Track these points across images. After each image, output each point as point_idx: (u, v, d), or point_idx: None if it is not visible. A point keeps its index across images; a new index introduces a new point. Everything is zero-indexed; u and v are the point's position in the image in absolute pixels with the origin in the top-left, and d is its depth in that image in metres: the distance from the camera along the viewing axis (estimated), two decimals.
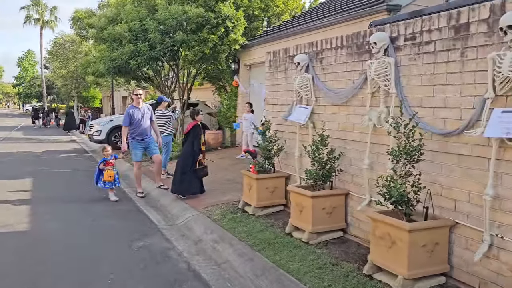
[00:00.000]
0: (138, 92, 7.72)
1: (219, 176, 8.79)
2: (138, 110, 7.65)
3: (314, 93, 5.23)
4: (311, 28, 9.50)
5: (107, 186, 7.58)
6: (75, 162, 12.72)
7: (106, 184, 7.54)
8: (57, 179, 9.67)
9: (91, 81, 17.81)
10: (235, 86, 12.60)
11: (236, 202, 6.54)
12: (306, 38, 8.95)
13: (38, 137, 22.21)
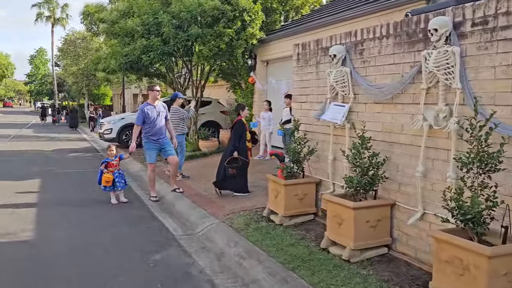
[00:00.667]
0: (156, 89, 7.18)
1: None
2: (153, 108, 7.11)
3: (353, 89, 4.63)
4: (336, 20, 8.89)
5: (107, 189, 7.07)
6: (84, 161, 12.25)
7: (106, 188, 7.04)
8: (65, 180, 9.18)
9: (102, 77, 17.37)
10: (251, 83, 12.02)
11: (260, 209, 5.96)
12: (330, 32, 8.34)
13: (49, 135, 21.88)
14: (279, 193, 5.22)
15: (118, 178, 7.10)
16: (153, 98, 7.13)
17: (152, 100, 7.14)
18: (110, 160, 7.12)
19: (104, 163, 7.11)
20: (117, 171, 7.14)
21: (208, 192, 7.28)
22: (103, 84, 28.28)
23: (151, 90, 7.21)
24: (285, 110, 9.67)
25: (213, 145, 11.73)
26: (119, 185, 7.09)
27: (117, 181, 7.07)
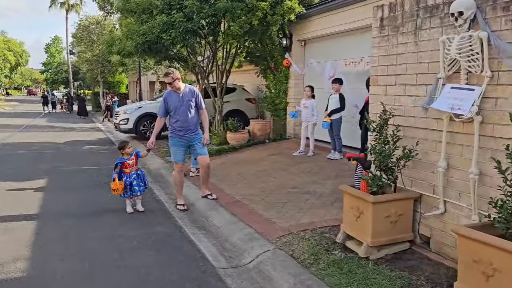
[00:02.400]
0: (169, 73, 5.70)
1: (280, 181, 6.74)
2: (177, 96, 5.67)
3: (489, 64, 3.07)
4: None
5: (123, 196, 5.75)
6: (99, 156, 10.91)
7: (121, 195, 5.73)
8: (75, 181, 7.82)
9: (117, 61, 15.94)
10: (286, 66, 10.44)
11: (324, 229, 4.49)
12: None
13: (62, 125, 20.72)
14: (363, 213, 3.72)
15: (137, 181, 5.71)
16: (173, 84, 5.67)
17: (175, 86, 5.68)
18: (125, 160, 5.73)
19: (119, 165, 5.71)
20: (134, 172, 5.75)
21: (248, 200, 5.83)
22: (118, 70, 26.88)
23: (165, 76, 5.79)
24: (333, 97, 8.13)
25: (243, 137, 10.25)
26: (138, 189, 5.71)
27: (135, 184, 5.68)
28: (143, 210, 5.79)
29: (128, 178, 5.70)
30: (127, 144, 5.83)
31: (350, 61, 8.17)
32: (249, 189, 6.43)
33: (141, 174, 5.87)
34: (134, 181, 5.69)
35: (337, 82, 8.12)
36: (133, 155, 5.78)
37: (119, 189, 5.58)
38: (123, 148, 5.79)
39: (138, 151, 6.03)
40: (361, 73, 7.94)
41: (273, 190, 6.27)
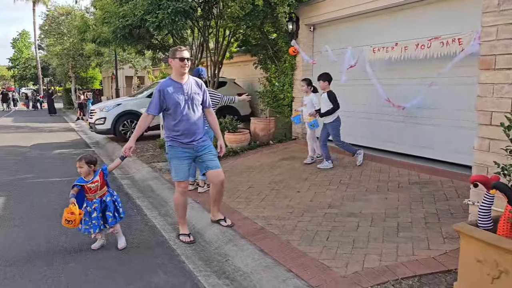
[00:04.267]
0: (183, 55, 4.11)
1: (308, 196, 5.29)
2: (179, 87, 4.13)
3: None
4: None
5: (83, 230, 4.15)
6: (71, 162, 9.18)
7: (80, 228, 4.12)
8: (41, 198, 6.17)
9: (91, 51, 14.05)
10: (293, 55, 8.98)
11: (412, 280, 3.07)
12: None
13: (30, 125, 18.70)
14: (506, 273, 2.30)
15: (108, 207, 4.14)
16: (180, 70, 4.12)
17: (178, 74, 4.14)
18: (84, 183, 4.11)
19: (77, 187, 4.10)
20: (98, 199, 4.13)
21: (276, 227, 4.37)
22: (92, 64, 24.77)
23: (173, 58, 4.15)
24: (323, 97, 6.69)
25: (245, 138, 8.74)
26: (109, 219, 4.14)
27: (95, 216, 4.08)
28: (124, 247, 4.21)
29: (89, 206, 4.11)
30: (82, 160, 4.10)
31: (380, 46, 6.77)
32: (271, 208, 4.97)
33: (110, 201, 4.17)
34: (94, 212, 4.07)
35: (322, 79, 6.61)
36: (98, 175, 4.13)
37: (76, 221, 3.88)
38: (79, 161, 4.13)
39: (104, 167, 4.24)
40: (398, 60, 6.55)
41: (304, 210, 4.82)
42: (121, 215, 4.26)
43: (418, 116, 6.57)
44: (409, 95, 6.52)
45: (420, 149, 6.56)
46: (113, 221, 4.16)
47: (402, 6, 6.72)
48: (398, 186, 5.38)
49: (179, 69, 4.10)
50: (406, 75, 6.72)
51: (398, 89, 6.85)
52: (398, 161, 6.55)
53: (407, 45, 6.30)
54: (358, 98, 7.83)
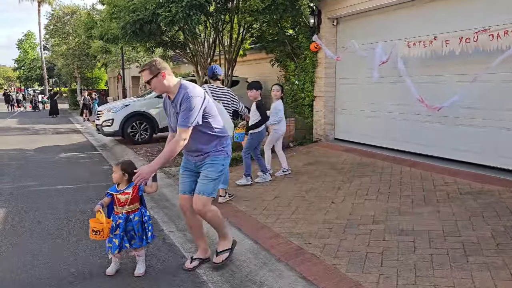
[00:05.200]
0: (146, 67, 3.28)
1: (346, 209, 4.66)
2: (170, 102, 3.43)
3: None
4: None
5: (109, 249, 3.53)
6: (78, 168, 8.64)
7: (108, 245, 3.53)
8: (46, 210, 5.59)
9: (98, 48, 13.49)
10: (314, 51, 8.36)
11: None
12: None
13: (34, 127, 18.20)
14: None
15: (134, 227, 3.54)
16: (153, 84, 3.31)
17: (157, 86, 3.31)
18: (115, 192, 3.53)
19: (108, 196, 3.53)
20: (124, 215, 3.51)
21: (316, 247, 3.76)
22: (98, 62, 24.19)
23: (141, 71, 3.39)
24: (252, 108, 6.01)
25: (263, 141, 8.10)
26: (132, 240, 3.55)
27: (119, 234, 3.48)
28: (141, 275, 3.59)
29: (114, 221, 3.50)
30: (118, 165, 3.53)
31: (416, 40, 6.13)
32: (305, 223, 4.36)
33: (137, 221, 3.54)
34: (117, 228, 3.46)
35: (255, 88, 5.87)
36: (131, 187, 3.53)
37: (104, 230, 3.34)
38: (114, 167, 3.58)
39: (141, 186, 3.52)
40: (436, 56, 5.92)
41: (345, 226, 4.20)
42: (148, 240, 3.66)
43: (458, 116, 5.94)
44: (446, 94, 5.89)
45: (462, 153, 5.91)
46: (138, 244, 3.57)
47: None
48: (448, 196, 4.75)
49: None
50: (444, 72, 6.09)
51: (434, 87, 6.22)
52: (438, 166, 5.91)
53: (448, 38, 5.65)
54: (387, 97, 7.21)
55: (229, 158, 3.62)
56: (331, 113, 8.45)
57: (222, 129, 3.51)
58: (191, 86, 3.32)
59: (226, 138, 3.56)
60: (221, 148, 3.49)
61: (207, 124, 3.37)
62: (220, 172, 3.49)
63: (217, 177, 3.46)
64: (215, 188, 3.50)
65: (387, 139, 7.20)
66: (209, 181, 3.43)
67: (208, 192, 3.44)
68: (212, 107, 3.41)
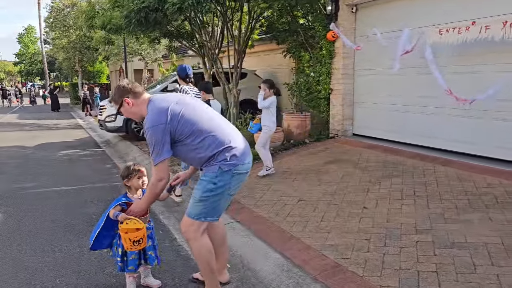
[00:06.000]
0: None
1: (379, 215, 4.14)
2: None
3: None
4: None
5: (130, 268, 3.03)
6: (80, 166, 8.14)
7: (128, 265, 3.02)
8: (46, 216, 5.09)
9: (100, 39, 12.91)
10: (331, 41, 7.80)
11: None
12: None
13: (35, 122, 17.72)
14: None
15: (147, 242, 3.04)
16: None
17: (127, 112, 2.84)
18: (131, 200, 3.03)
19: (122, 205, 3.00)
20: (149, 224, 3.09)
21: (356, 263, 3.26)
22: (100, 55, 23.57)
23: None
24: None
25: (278, 137, 7.61)
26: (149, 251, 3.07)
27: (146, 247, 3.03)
28: (159, 286, 3.13)
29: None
30: (136, 172, 3.06)
31: (450, 27, 5.57)
32: (338, 232, 3.85)
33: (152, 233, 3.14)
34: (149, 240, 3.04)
35: (204, 90, 5.61)
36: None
37: (144, 236, 2.87)
38: (128, 177, 3.07)
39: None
40: (473, 43, 5.35)
41: (384, 236, 3.68)
42: (158, 257, 3.18)
43: (498, 110, 5.39)
44: (482, 85, 5.34)
45: (505, 151, 5.37)
46: (154, 259, 3.08)
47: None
48: (497, 201, 4.22)
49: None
50: (481, 61, 5.53)
51: (467, 78, 5.68)
52: (477, 165, 5.37)
53: (489, 23, 5.09)
54: (413, 89, 6.67)
55: (230, 173, 2.69)
56: (350, 107, 7.91)
57: (214, 142, 2.67)
58: (151, 108, 2.65)
59: (224, 151, 2.68)
60: (214, 162, 2.68)
61: (186, 147, 2.68)
62: (208, 192, 2.69)
63: (203, 199, 2.71)
64: (203, 212, 2.75)
65: (413, 134, 6.67)
66: (194, 202, 2.76)
67: (192, 214, 2.77)
68: (187, 123, 2.63)
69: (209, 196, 2.72)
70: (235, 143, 2.74)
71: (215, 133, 2.70)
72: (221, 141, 2.69)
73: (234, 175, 2.71)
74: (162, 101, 2.67)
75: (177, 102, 2.69)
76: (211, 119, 2.77)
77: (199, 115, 2.71)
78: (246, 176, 2.85)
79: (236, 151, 2.71)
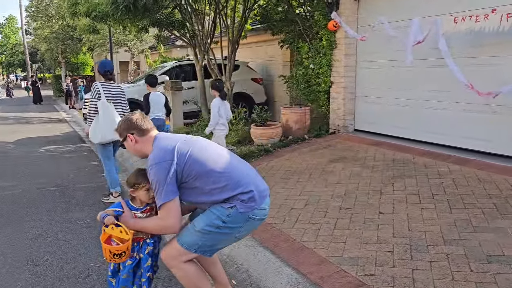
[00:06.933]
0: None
1: (399, 221, 3.73)
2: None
3: None
4: None
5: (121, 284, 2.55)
6: (64, 163, 7.59)
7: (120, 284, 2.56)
8: (22, 225, 4.57)
9: (84, 27, 12.21)
10: (333, 30, 7.36)
11: None
12: None
13: (17, 115, 16.97)
14: None
15: (147, 260, 2.58)
16: None
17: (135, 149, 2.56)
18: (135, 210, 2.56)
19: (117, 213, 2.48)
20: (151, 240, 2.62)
21: (375, 274, 2.89)
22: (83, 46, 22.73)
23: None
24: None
25: (276, 133, 7.17)
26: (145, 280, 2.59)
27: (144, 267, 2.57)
28: None
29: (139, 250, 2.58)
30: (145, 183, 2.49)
31: (466, 15, 5.17)
32: (355, 242, 3.43)
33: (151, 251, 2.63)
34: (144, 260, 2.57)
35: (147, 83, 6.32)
36: (147, 207, 2.59)
37: (128, 248, 2.39)
38: (135, 187, 2.52)
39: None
40: (493, 33, 4.96)
41: (408, 247, 3.28)
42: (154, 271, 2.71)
43: None
44: (504, 78, 4.98)
45: None
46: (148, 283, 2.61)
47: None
48: None
49: None
50: (502, 52, 5.15)
51: (486, 70, 5.29)
52: (495, 164, 5.01)
53: (511, 11, 4.71)
54: (422, 83, 6.29)
55: (245, 216, 2.32)
56: (351, 101, 7.50)
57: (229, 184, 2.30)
58: (156, 145, 2.36)
59: (242, 193, 2.31)
60: (227, 203, 2.32)
61: (196, 190, 2.32)
62: (213, 228, 2.32)
63: (204, 231, 2.33)
64: (197, 244, 2.36)
65: (422, 131, 6.29)
66: (193, 230, 2.37)
67: (184, 241, 2.38)
68: (195, 163, 2.29)
69: (212, 231, 2.34)
70: (254, 185, 2.38)
71: (231, 174, 2.33)
72: (238, 182, 2.32)
73: (250, 219, 2.36)
74: (168, 139, 2.39)
75: (185, 140, 2.39)
76: (224, 158, 2.42)
77: (210, 154, 2.37)
78: (261, 222, 2.47)
79: (255, 194, 2.35)
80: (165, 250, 2.44)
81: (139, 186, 2.50)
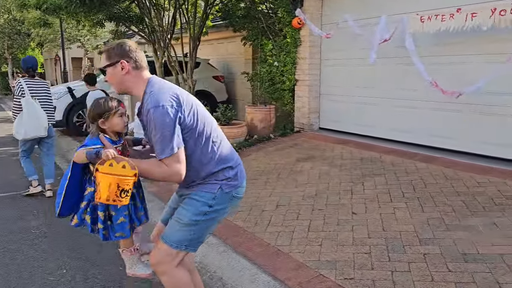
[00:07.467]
0: (105, 50, 2.15)
1: (374, 221, 3.70)
2: None
3: None
4: None
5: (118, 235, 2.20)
6: (14, 167, 7.06)
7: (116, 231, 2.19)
8: None
9: (34, 20, 11.40)
10: (297, 28, 7.29)
11: None
12: None
13: None
14: None
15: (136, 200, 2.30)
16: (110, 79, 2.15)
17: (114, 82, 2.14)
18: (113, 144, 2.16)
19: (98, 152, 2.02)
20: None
21: (354, 278, 2.82)
22: (32, 41, 21.55)
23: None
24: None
25: (241, 132, 7.03)
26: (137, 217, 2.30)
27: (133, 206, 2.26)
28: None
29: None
30: (116, 108, 2.16)
31: (432, 14, 5.23)
32: (332, 245, 3.36)
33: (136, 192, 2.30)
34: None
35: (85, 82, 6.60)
36: (122, 141, 2.25)
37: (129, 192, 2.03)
38: (105, 116, 2.14)
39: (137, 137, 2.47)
40: (458, 32, 5.03)
41: (385, 248, 3.24)
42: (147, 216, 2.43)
43: (485, 104, 5.12)
44: (468, 77, 5.08)
45: (491, 147, 5.12)
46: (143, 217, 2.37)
47: None
48: (494, 202, 3.91)
49: None
50: (467, 51, 5.24)
51: (451, 69, 5.39)
52: (461, 162, 5.10)
53: (476, 10, 4.79)
54: (388, 81, 6.34)
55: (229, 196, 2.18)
56: (316, 99, 7.48)
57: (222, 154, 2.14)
58: (155, 85, 2.03)
59: (229, 168, 2.16)
60: (214, 180, 2.14)
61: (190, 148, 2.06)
62: (201, 216, 2.12)
63: (193, 223, 2.13)
64: (187, 239, 2.15)
65: (387, 129, 6.35)
66: (179, 226, 2.15)
67: (173, 240, 2.15)
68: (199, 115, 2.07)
69: (200, 220, 2.13)
70: (238, 160, 2.27)
71: (223, 143, 2.17)
72: (227, 155, 2.16)
73: (233, 198, 2.22)
74: (168, 83, 2.09)
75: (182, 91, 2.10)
76: (217, 126, 2.22)
77: (209, 116, 2.17)
78: (240, 201, 2.33)
79: (238, 170, 2.22)
80: (154, 256, 2.21)
81: (110, 112, 2.14)
